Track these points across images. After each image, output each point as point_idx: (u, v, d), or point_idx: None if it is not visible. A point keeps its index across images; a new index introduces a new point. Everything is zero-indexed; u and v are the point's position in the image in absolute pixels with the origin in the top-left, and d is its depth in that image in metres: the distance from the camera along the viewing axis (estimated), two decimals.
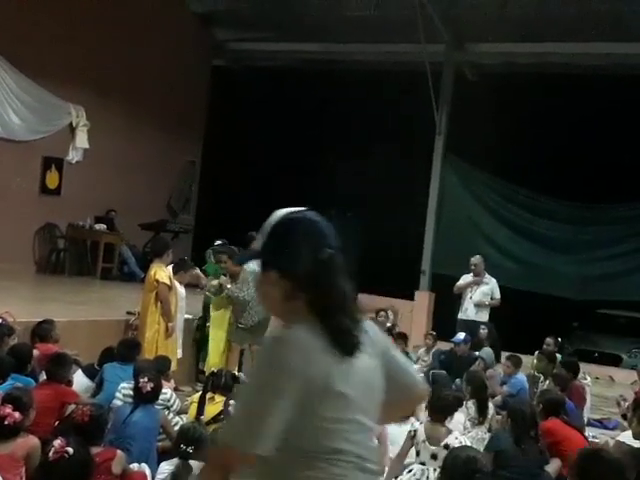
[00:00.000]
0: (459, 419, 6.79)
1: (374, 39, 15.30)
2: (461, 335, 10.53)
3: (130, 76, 14.74)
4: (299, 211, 2.52)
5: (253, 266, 8.94)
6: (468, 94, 14.79)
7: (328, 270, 2.36)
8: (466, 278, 11.57)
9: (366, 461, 2.30)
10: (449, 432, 5.51)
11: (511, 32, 14.30)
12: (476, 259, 11.61)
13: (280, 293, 2.31)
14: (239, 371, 9.37)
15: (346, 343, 2.28)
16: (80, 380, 6.81)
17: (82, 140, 14.16)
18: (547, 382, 8.69)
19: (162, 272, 7.92)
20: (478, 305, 11.34)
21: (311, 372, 2.19)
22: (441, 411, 5.61)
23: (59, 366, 5.98)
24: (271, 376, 2.20)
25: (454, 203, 15.43)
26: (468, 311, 11.39)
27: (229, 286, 8.68)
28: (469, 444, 5.42)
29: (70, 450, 4.14)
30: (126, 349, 6.96)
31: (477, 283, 11.44)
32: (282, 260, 2.33)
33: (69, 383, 6.18)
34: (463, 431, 6.46)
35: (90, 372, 6.94)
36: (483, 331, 11.05)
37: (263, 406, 2.18)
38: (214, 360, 8.72)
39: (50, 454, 4.15)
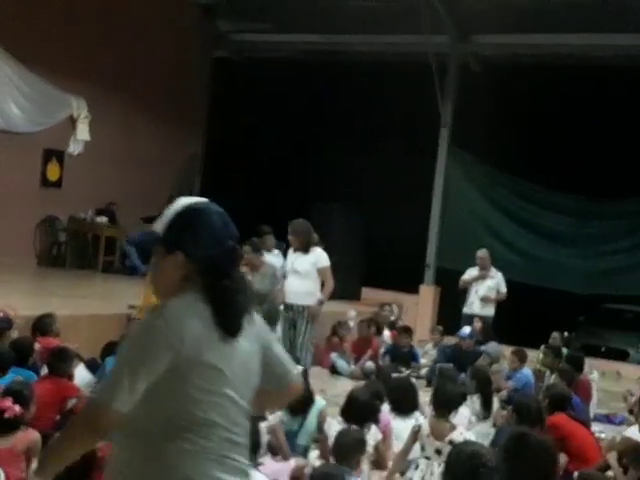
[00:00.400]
0: (464, 414, 6.72)
1: (377, 30, 15.20)
2: (467, 329, 10.46)
3: (132, 68, 14.67)
4: (203, 202, 2.74)
5: (274, 259, 9.03)
6: (473, 86, 14.69)
7: (230, 259, 2.53)
8: (471, 272, 11.49)
9: (236, 436, 2.41)
10: (453, 427, 5.46)
11: (516, 23, 14.19)
12: (482, 253, 11.53)
13: (180, 275, 2.46)
14: None
15: (231, 325, 2.43)
16: (82, 374, 6.75)
17: (83, 132, 14.09)
18: (553, 377, 8.60)
19: None
20: (484, 299, 11.26)
21: (186, 340, 2.32)
22: (445, 406, 5.55)
23: (60, 360, 5.94)
24: (143, 339, 2.36)
25: (459, 196, 15.35)
26: (474, 305, 11.31)
27: (249, 278, 8.64)
28: (474, 439, 5.34)
29: None
30: None
31: (483, 277, 11.36)
32: (190, 244, 2.48)
33: (70, 377, 6.13)
34: (468, 426, 6.39)
35: (92, 366, 6.89)
36: (477, 324, 10.96)
37: (130, 366, 2.32)
38: None
39: None
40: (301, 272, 8.14)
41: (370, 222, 14.71)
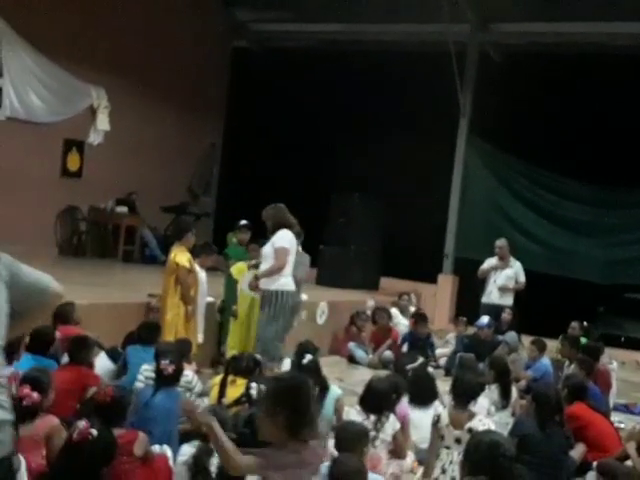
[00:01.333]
0: (483, 404, 6.71)
1: (397, 19, 15.14)
2: (485, 319, 10.45)
3: (151, 58, 14.72)
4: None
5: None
6: (493, 75, 14.60)
7: None
8: (490, 262, 11.46)
9: None
10: (472, 415, 5.45)
11: (536, 11, 14.08)
12: (501, 242, 11.49)
13: None
14: None
15: None
16: (103, 363, 6.81)
17: (103, 122, 14.16)
18: (572, 367, 8.57)
19: (182, 255, 7.86)
20: (502, 289, 11.24)
21: None
22: (464, 395, 5.55)
23: (81, 348, 5.98)
24: None
25: (478, 186, 15.29)
26: (492, 295, 11.28)
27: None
28: (493, 427, 5.35)
29: (94, 432, 4.12)
30: (147, 331, 6.95)
31: (501, 267, 11.32)
32: None
33: (91, 366, 6.17)
34: (487, 416, 6.38)
35: (113, 355, 6.93)
36: (508, 316, 10.96)
37: None
38: (233, 343, 8.69)
39: (74, 435, 4.13)
40: (263, 255, 8.03)
41: (389, 212, 14.68)
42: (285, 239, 7.88)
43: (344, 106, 15.86)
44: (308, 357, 6.38)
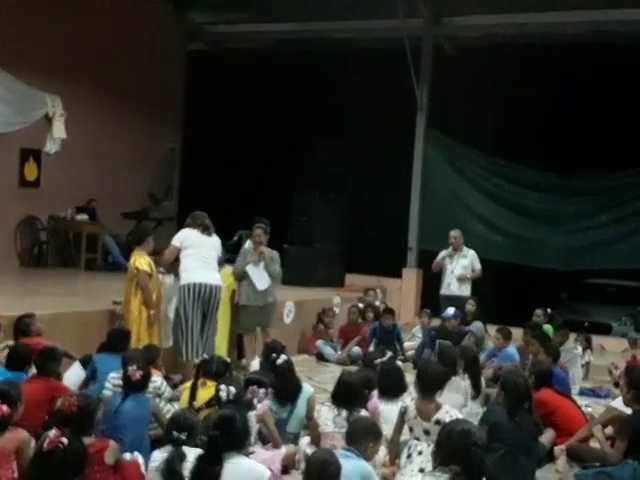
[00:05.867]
0: (458, 400, 6.76)
1: (352, 16, 15.21)
2: (451, 310, 10.52)
3: (106, 63, 14.59)
4: None
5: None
6: (448, 69, 14.73)
7: None
8: (442, 254, 11.53)
9: None
10: (439, 407, 5.50)
11: (489, 4, 14.24)
12: (455, 232, 11.57)
13: None
14: (239, 357, 9.39)
15: None
16: (78, 372, 6.73)
17: (59, 130, 13.99)
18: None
19: (142, 260, 7.82)
20: (460, 279, 11.30)
21: None
22: (430, 386, 5.60)
23: (49, 360, 5.93)
24: None
25: (438, 179, 15.44)
26: (451, 286, 11.34)
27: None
28: (460, 417, 5.40)
29: (65, 440, 4.08)
30: (116, 339, 6.89)
31: (450, 255, 11.37)
32: None
33: (59, 377, 6.12)
34: (460, 409, 6.43)
35: (86, 364, 6.79)
36: (472, 307, 11.03)
37: None
38: (221, 345, 8.68)
39: (44, 445, 4.09)
40: None
41: (351, 208, 14.75)
42: (175, 236, 8.20)
43: (303, 105, 15.89)
44: (283, 357, 6.41)
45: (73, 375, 6.57)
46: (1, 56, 12.65)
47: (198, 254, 8.06)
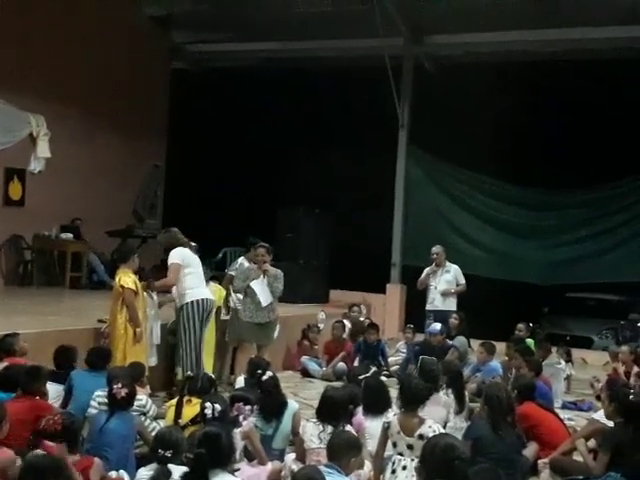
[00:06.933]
0: (440, 414, 6.80)
1: (334, 35, 15.31)
2: (437, 326, 10.58)
3: (88, 83, 14.63)
4: None
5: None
6: (429, 86, 14.89)
7: None
8: (427, 271, 11.63)
9: None
10: (422, 422, 5.52)
11: (469, 22, 14.37)
12: (437, 248, 11.68)
13: None
14: (232, 373, 9.42)
15: None
16: (50, 387, 6.71)
17: (43, 149, 13.96)
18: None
19: (127, 277, 7.86)
20: (444, 294, 11.39)
21: None
22: (412, 401, 5.62)
23: (34, 379, 5.92)
24: None
25: (420, 195, 15.55)
26: (435, 301, 11.44)
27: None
28: (444, 431, 5.45)
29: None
30: (96, 357, 6.89)
31: (434, 272, 11.47)
32: None
33: (44, 395, 6.11)
34: (442, 423, 6.47)
35: (56, 377, 6.74)
36: (455, 320, 11.11)
37: None
38: (208, 362, 8.73)
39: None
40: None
41: (335, 225, 14.83)
42: (172, 255, 8.31)
43: (286, 123, 16.00)
44: (268, 373, 6.45)
45: (54, 391, 6.54)
46: None
47: (196, 272, 8.39)
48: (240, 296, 9.34)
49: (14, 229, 13.73)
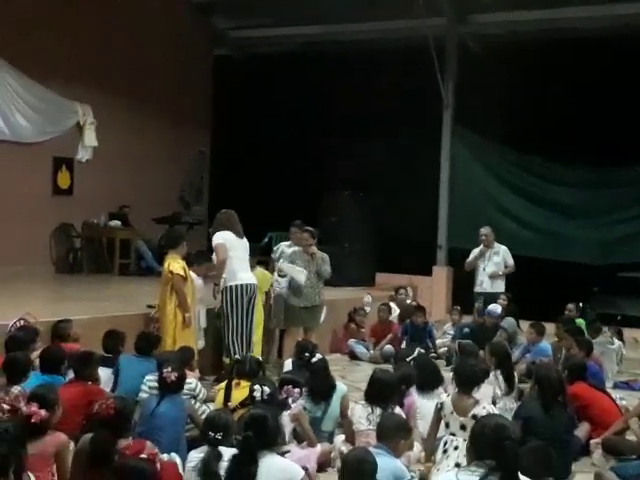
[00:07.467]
0: (488, 392, 6.75)
1: (375, 17, 15.20)
2: (498, 308, 10.48)
3: (134, 71, 14.78)
4: None
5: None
6: (473, 66, 14.68)
7: None
8: (475, 252, 11.50)
9: None
10: (476, 403, 5.50)
11: (512, 0, 14.15)
12: (485, 229, 11.55)
13: None
14: (279, 356, 9.47)
15: None
16: (101, 371, 6.82)
17: (90, 138, 14.22)
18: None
19: (176, 263, 7.93)
20: (492, 276, 11.27)
21: None
22: (467, 382, 5.60)
23: (86, 365, 6.02)
24: None
25: (466, 176, 15.37)
26: (484, 284, 11.31)
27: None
28: (497, 413, 5.41)
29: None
30: (144, 342, 6.99)
31: (482, 253, 11.35)
32: None
33: (96, 381, 6.21)
34: (490, 400, 6.43)
35: (106, 362, 6.83)
36: (503, 302, 11.02)
37: None
38: (257, 346, 8.81)
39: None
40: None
41: (380, 208, 14.75)
42: (217, 237, 8.35)
43: (329, 107, 15.94)
44: (318, 356, 6.49)
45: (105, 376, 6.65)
46: (31, 66, 12.88)
47: (239, 256, 8.40)
48: (284, 280, 9.35)
49: (63, 218, 13.96)
